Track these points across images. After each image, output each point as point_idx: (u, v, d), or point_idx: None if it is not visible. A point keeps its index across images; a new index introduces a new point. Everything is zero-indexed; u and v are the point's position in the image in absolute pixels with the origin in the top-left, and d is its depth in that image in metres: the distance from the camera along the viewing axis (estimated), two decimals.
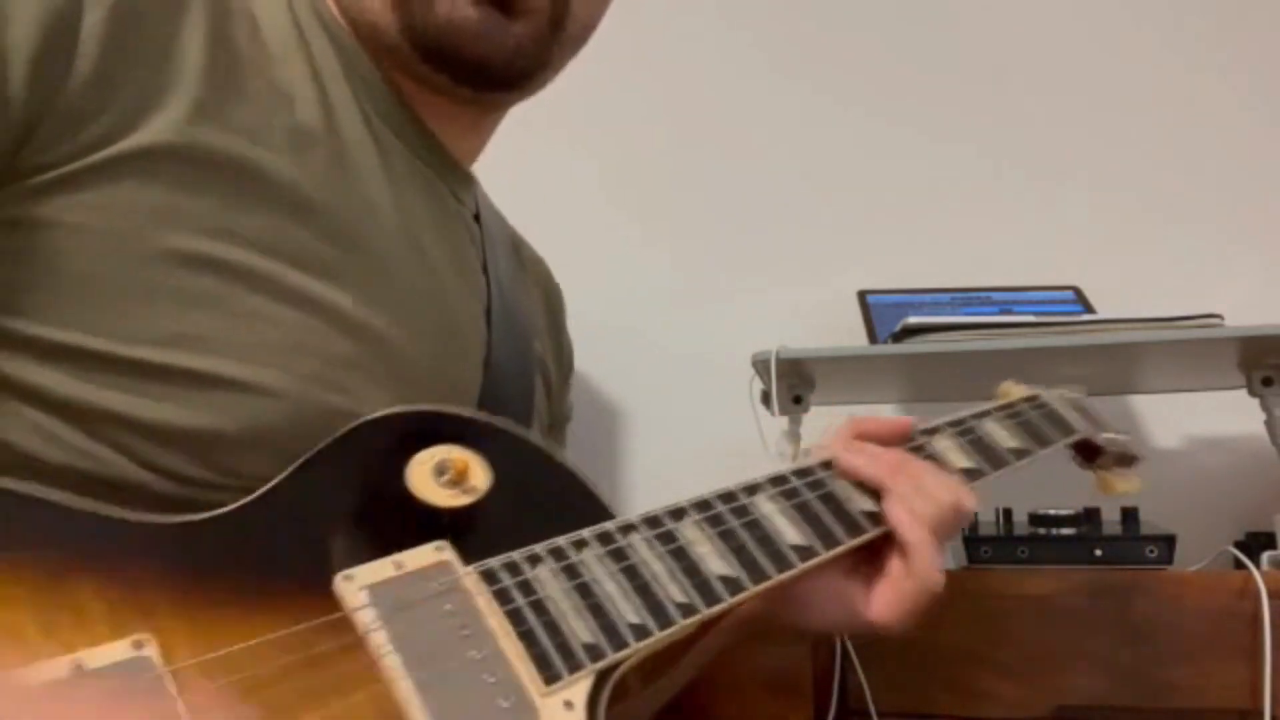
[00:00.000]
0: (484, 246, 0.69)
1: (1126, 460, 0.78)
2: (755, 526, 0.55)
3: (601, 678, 0.45)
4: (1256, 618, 0.75)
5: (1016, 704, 0.78)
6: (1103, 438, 0.76)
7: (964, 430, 0.68)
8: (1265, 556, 0.84)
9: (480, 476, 0.51)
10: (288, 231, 0.51)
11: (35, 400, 0.46)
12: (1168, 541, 0.84)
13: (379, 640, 0.41)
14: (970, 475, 0.65)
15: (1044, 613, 0.79)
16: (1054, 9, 1.28)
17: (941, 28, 1.30)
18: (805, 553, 0.55)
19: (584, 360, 0.88)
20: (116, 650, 0.37)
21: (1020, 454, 0.69)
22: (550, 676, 0.43)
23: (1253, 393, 0.93)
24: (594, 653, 0.45)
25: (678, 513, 0.54)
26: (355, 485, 0.48)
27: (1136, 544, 0.85)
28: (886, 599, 0.57)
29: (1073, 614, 0.79)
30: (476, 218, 0.70)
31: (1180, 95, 1.22)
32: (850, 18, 1.33)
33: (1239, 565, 0.86)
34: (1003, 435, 0.70)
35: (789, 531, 0.56)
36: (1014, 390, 0.78)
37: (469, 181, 0.70)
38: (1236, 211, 1.18)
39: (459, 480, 0.49)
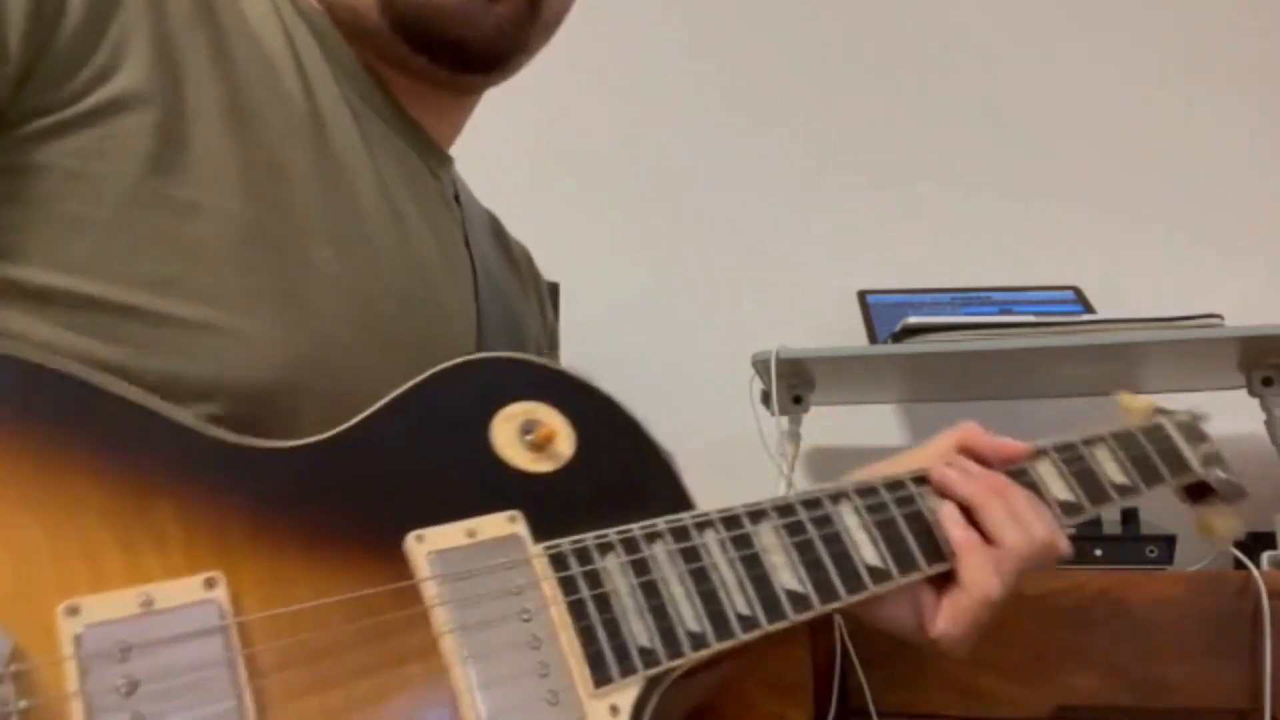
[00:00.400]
0: (464, 226, 0.70)
1: (1233, 497, 0.72)
2: (835, 540, 0.53)
3: (651, 684, 0.44)
4: (1256, 618, 0.75)
5: (1016, 704, 0.78)
6: (1215, 478, 0.70)
7: (1072, 457, 0.64)
8: (1265, 556, 0.84)
9: (565, 443, 0.50)
10: (275, 185, 0.51)
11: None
12: (1168, 541, 0.84)
13: (441, 619, 0.41)
14: (1068, 510, 0.61)
15: (1044, 613, 0.79)
16: (1053, 11, 1.28)
17: (942, 28, 1.30)
18: (880, 575, 0.53)
19: (583, 360, 0.88)
20: (188, 589, 0.37)
21: (1125, 491, 0.64)
22: (601, 678, 0.43)
23: (1253, 393, 0.93)
24: (649, 658, 0.44)
25: (757, 515, 0.52)
26: (441, 430, 0.47)
27: (1136, 544, 0.85)
28: (945, 614, 0.55)
29: (1073, 614, 0.79)
30: (456, 198, 0.71)
31: (1180, 95, 1.22)
32: (852, 16, 1.33)
33: (1239, 565, 0.86)
34: (1112, 468, 0.65)
35: (868, 550, 0.53)
36: (1132, 405, 0.71)
37: (447, 161, 0.70)
38: (1236, 211, 1.18)
39: (543, 445, 0.48)
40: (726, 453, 1.17)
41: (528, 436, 0.48)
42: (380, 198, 0.59)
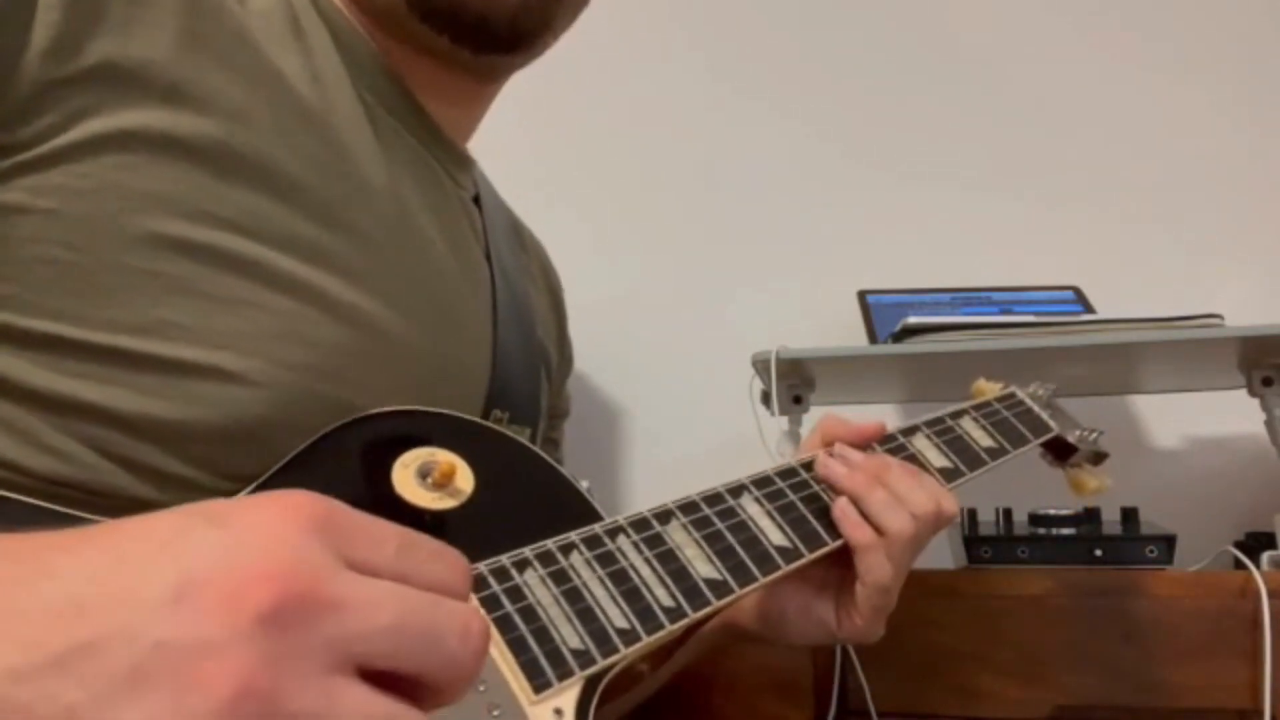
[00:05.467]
0: (485, 232, 0.68)
1: (1097, 458, 0.78)
2: (741, 529, 0.55)
3: (590, 684, 0.44)
4: (1256, 618, 0.75)
5: (1016, 704, 0.78)
6: (1075, 435, 0.76)
7: (942, 430, 0.69)
8: (1265, 556, 0.84)
9: (465, 479, 0.50)
10: (271, 214, 0.49)
11: (6, 392, 0.44)
12: (1168, 541, 0.84)
13: None
14: (948, 475, 0.65)
15: (1044, 613, 0.79)
16: (1052, 11, 1.28)
17: (941, 29, 1.30)
18: (790, 554, 0.56)
19: (584, 360, 0.88)
20: None
21: (995, 453, 0.69)
22: (540, 685, 0.43)
23: (1253, 393, 0.93)
24: (583, 659, 0.45)
25: (664, 515, 0.54)
26: (341, 486, 0.47)
27: (1136, 544, 0.85)
28: (849, 612, 0.60)
29: (1073, 614, 0.79)
30: (476, 200, 0.69)
31: (1180, 95, 1.22)
32: (850, 17, 1.33)
33: (1239, 565, 0.86)
34: (979, 434, 0.70)
35: (774, 533, 0.56)
36: (988, 388, 0.78)
37: (466, 163, 0.68)
38: (1236, 211, 1.18)
39: (444, 483, 0.49)
40: (726, 453, 1.17)
41: (427, 479, 0.49)
42: (396, 216, 0.56)
